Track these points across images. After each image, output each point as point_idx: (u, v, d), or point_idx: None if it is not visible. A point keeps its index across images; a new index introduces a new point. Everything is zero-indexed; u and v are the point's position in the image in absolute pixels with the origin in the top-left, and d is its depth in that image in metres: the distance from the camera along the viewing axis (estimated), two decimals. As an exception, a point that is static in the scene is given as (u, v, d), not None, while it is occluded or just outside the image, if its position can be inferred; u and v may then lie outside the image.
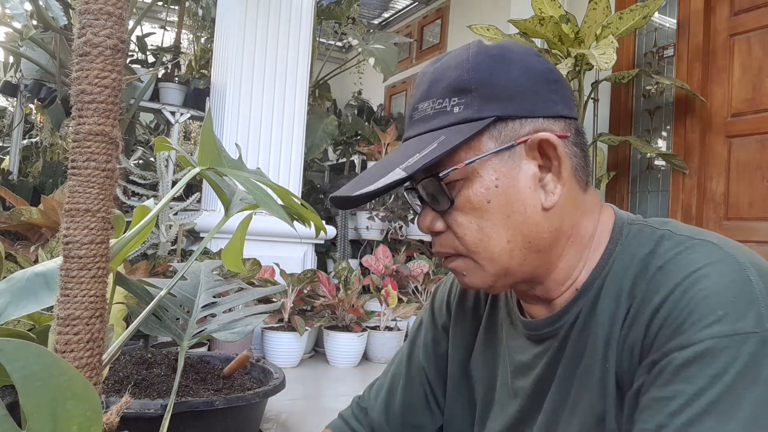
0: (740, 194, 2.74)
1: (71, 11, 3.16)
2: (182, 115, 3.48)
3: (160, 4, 4.36)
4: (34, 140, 4.84)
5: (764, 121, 2.67)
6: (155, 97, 3.46)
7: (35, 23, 3.30)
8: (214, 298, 0.85)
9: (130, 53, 3.92)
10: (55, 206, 2.12)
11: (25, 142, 4.70)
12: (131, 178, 2.64)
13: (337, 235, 3.81)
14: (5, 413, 0.34)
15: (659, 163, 3.04)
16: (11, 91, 4.13)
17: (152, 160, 3.43)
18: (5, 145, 5.04)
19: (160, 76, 3.61)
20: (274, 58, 2.97)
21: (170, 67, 3.83)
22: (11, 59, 4.12)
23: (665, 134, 3.05)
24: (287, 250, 2.86)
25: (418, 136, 0.63)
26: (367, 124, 4.77)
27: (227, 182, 0.75)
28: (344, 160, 4.81)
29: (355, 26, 4.44)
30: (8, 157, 4.36)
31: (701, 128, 2.89)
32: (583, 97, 2.91)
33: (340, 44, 6.35)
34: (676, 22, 3.03)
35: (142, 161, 3.62)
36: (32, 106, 4.44)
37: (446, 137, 0.58)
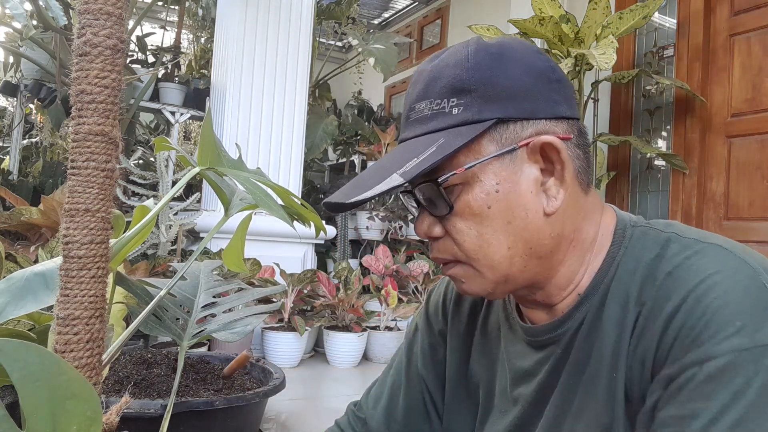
0: (740, 194, 2.74)
1: (71, 11, 3.16)
2: (182, 115, 3.48)
3: (160, 4, 4.36)
4: (34, 140, 4.84)
5: (764, 121, 2.67)
6: (155, 97, 3.46)
7: (35, 23, 3.30)
8: (213, 298, 0.85)
9: (130, 53, 3.92)
10: (55, 206, 2.12)
11: (25, 142, 4.70)
12: (131, 178, 2.64)
13: (337, 235, 3.81)
14: (5, 413, 0.34)
15: (659, 163, 3.04)
16: (11, 91, 4.13)
17: (152, 160, 3.43)
18: (5, 145, 5.04)
19: (160, 76, 3.61)
20: (274, 58, 2.97)
21: (170, 67, 3.83)
22: (11, 59, 4.13)
23: (665, 134, 3.05)
24: (287, 250, 2.86)
25: (415, 138, 0.60)
26: (367, 124, 4.77)
27: (227, 182, 0.75)
28: (344, 160, 4.81)
29: (355, 26, 4.44)
30: (8, 157, 4.36)
31: (701, 128, 2.89)
32: (583, 97, 2.91)
33: (340, 44, 6.35)
34: (676, 22, 3.03)
35: (142, 161, 3.62)
36: (32, 106, 4.44)
37: (445, 140, 0.56)
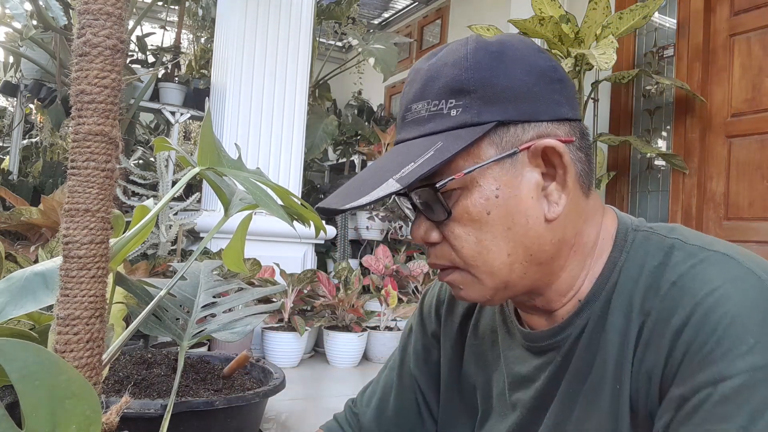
0: (740, 194, 2.74)
1: (71, 11, 3.16)
2: (182, 115, 3.48)
3: (160, 4, 4.36)
4: (34, 140, 4.85)
5: (764, 121, 2.67)
6: (155, 97, 3.46)
7: (35, 23, 3.30)
8: (213, 298, 0.85)
9: (130, 53, 3.92)
10: (55, 206, 2.12)
11: (25, 142, 4.71)
12: (131, 178, 2.64)
13: (337, 235, 3.81)
14: (4, 413, 0.34)
15: (659, 163, 3.04)
16: (11, 91, 4.13)
17: (152, 160, 3.43)
18: (5, 145, 5.04)
19: (160, 76, 3.61)
20: (274, 58, 2.97)
21: (170, 67, 3.83)
22: (11, 59, 4.13)
23: (665, 134, 3.05)
24: (287, 250, 2.86)
25: (412, 140, 0.58)
26: (367, 124, 4.77)
27: (227, 182, 0.75)
28: (344, 160, 4.81)
29: (355, 26, 4.44)
30: (8, 157, 4.36)
31: (701, 128, 2.89)
32: (583, 97, 2.91)
33: (340, 44, 6.35)
34: (676, 22, 3.03)
35: (142, 161, 3.62)
36: (32, 106, 4.44)
37: (443, 144, 0.54)
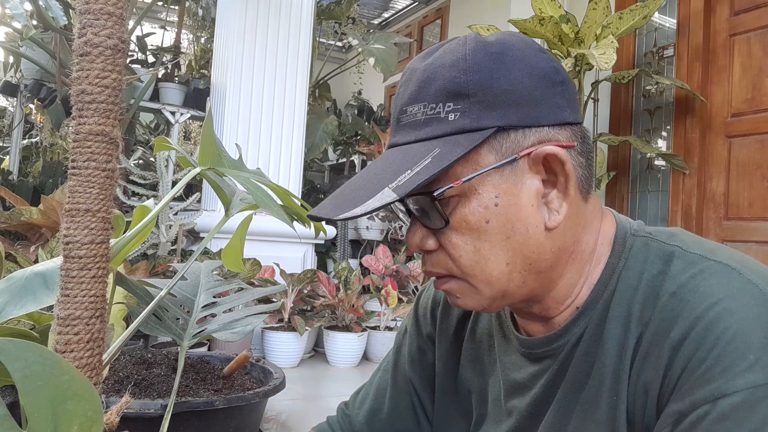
0: (740, 194, 2.74)
1: (71, 11, 3.16)
2: (182, 115, 3.48)
3: (160, 4, 4.36)
4: (34, 140, 4.85)
5: (764, 121, 2.67)
6: (155, 97, 3.46)
7: (35, 23, 3.30)
8: (214, 298, 0.85)
9: (130, 53, 3.92)
10: (55, 206, 2.12)
11: (25, 142, 4.71)
12: (131, 178, 2.65)
13: (337, 235, 3.81)
14: (6, 413, 0.34)
15: (659, 163, 3.04)
16: (11, 91, 4.13)
17: (152, 160, 3.43)
18: (5, 145, 5.04)
19: (160, 76, 3.61)
20: (274, 58, 2.97)
21: (170, 67, 3.83)
22: (11, 59, 4.13)
23: (665, 134, 3.05)
24: (287, 250, 2.86)
25: (407, 144, 0.56)
26: (367, 124, 4.77)
27: (227, 182, 0.75)
28: (344, 160, 4.81)
29: (355, 26, 4.45)
30: (8, 157, 4.37)
31: (701, 128, 2.89)
32: (583, 97, 2.91)
33: (340, 44, 6.35)
34: (676, 22, 3.03)
35: (142, 161, 3.62)
36: (32, 106, 4.44)
37: (441, 150, 0.52)
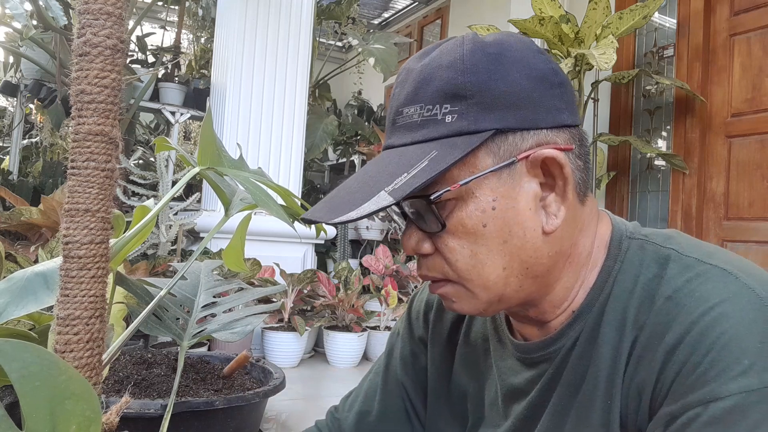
0: (740, 194, 2.74)
1: (71, 11, 3.16)
2: (182, 115, 3.48)
3: (160, 4, 4.36)
4: (34, 140, 4.85)
5: (764, 121, 2.67)
6: (155, 97, 3.46)
7: (35, 23, 3.30)
8: (214, 298, 0.85)
9: (130, 53, 3.92)
10: (55, 206, 2.12)
11: (25, 142, 4.71)
12: (131, 178, 2.65)
13: (337, 235, 3.81)
14: (4, 413, 0.34)
15: (659, 163, 3.04)
16: (11, 91, 4.13)
17: (152, 160, 3.43)
18: (5, 145, 5.04)
19: (160, 76, 3.61)
20: (274, 58, 2.97)
21: (170, 67, 3.83)
22: (11, 59, 4.13)
23: (665, 134, 3.05)
24: (287, 250, 2.86)
25: (403, 146, 0.56)
26: (367, 124, 4.77)
27: (227, 182, 0.75)
28: (344, 160, 4.81)
29: (355, 26, 4.44)
30: (8, 157, 4.37)
31: (701, 128, 2.89)
32: (583, 97, 2.91)
33: (340, 44, 6.35)
34: (676, 22, 3.03)
35: (142, 161, 3.62)
36: (32, 106, 4.44)
37: (438, 153, 0.52)
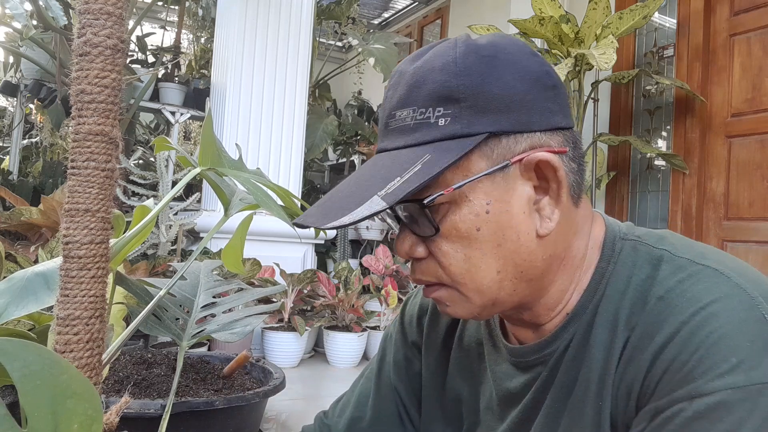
0: (740, 194, 2.74)
1: (71, 11, 3.17)
2: (182, 115, 3.48)
3: (160, 4, 4.36)
4: (34, 140, 4.85)
5: (764, 121, 2.67)
6: (155, 97, 3.46)
7: (35, 23, 3.30)
8: (213, 298, 0.85)
9: (130, 53, 3.92)
10: (55, 206, 2.12)
11: (25, 142, 4.71)
12: (131, 178, 2.65)
13: (337, 235, 3.81)
14: (6, 412, 0.34)
15: (659, 163, 3.04)
16: (11, 91, 4.13)
17: (152, 160, 3.43)
18: (5, 145, 5.04)
19: (160, 76, 3.61)
20: (274, 58, 2.97)
21: (170, 67, 3.83)
22: (11, 59, 4.13)
23: (665, 134, 3.05)
24: (287, 250, 2.86)
25: (397, 149, 0.55)
26: (367, 124, 4.77)
27: (227, 182, 0.75)
28: (344, 160, 4.81)
29: (355, 26, 4.44)
30: (8, 157, 4.37)
31: (701, 128, 2.89)
32: (583, 97, 2.91)
33: (340, 44, 6.35)
34: (676, 22, 3.03)
35: (142, 161, 3.62)
36: (32, 106, 4.44)
37: (431, 157, 0.51)
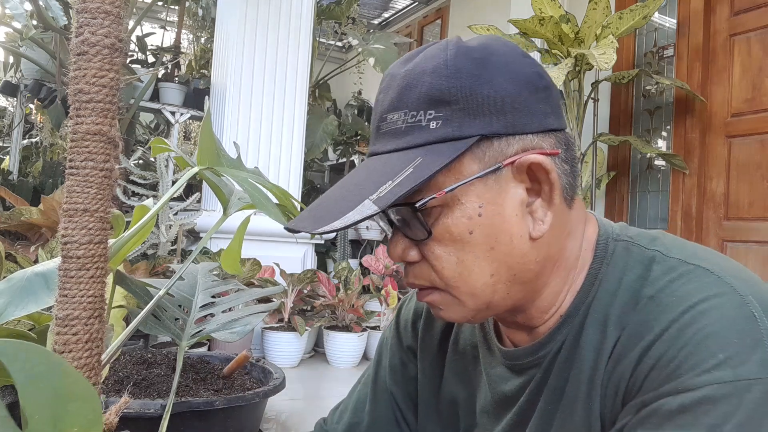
0: (740, 194, 2.74)
1: (71, 11, 3.16)
2: (182, 115, 3.48)
3: (160, 4, 4.36)
4: (34, 140, 4.84)
5: (764, 121, 2.67)
6: (155, 97, 3.46)
7: (35, 23, 3.30)
8: (212, 298, 0.85)
9: (130, 53, 3.92)
10: (55, 206, 2.12)
11: (25, 142, 4.70)
12: (131, 178, 2.65)
13: (337, 235, 3.81)
14: (6, 415, 0.34)
15: (659, 163, 3.04)
16: (11, 91, 4.13)
17: (152, 160, 3.43)
18: (5, 145, 5.04)
19: (160, 76, 3.61)
20: (274, 58, 2.97)
21: (170, 67, 3.83)
22: (11, 59, 4.13)
23: (665, 134, 3.05)
24: (287, 250, 2.86)
25: (388, 153, 0.55)
26: (367, 124, 4.77)
27: (225, 182, 0.75)
28: (344, 160, 4.81)
29: (355, 26, 4.44)
30: (8, 157, 4.36)
31: (701, 128, 2.89)
32: (583, 97, 2.91)
33: (340, 44, 6.34)
34: (676, 22, 3.03)
35: (142, 161, 3.62)
36: (32, 106, 4.44)
37: (423, 160, 0.51)
